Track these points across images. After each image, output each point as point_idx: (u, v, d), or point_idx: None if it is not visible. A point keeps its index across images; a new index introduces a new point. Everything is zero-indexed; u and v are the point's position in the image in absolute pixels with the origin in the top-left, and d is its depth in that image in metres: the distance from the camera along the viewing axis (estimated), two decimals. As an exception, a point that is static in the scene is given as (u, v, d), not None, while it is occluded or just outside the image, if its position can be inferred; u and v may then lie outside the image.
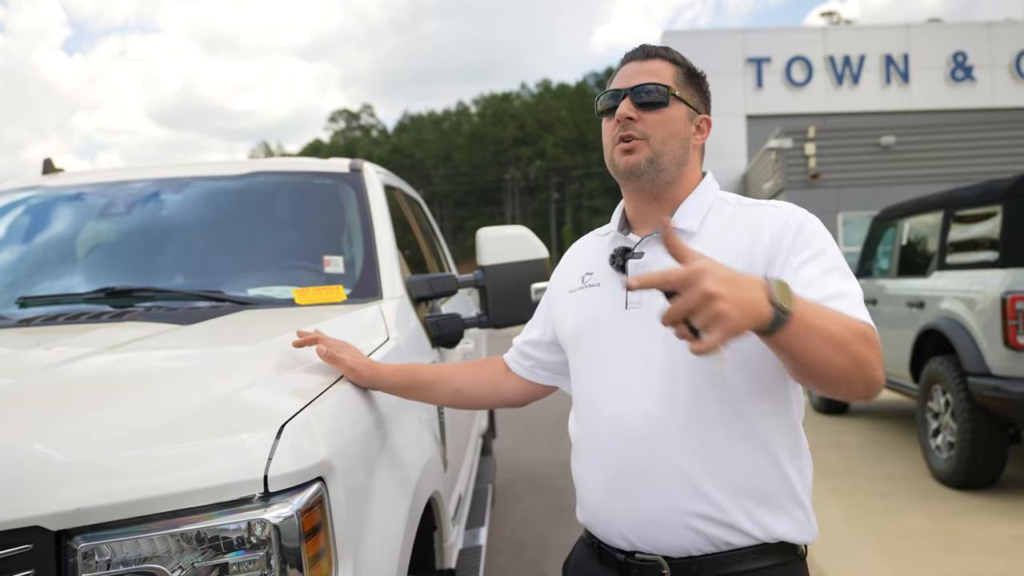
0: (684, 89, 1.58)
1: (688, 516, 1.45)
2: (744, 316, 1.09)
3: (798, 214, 1.49)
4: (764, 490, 1.47)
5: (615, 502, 1.52)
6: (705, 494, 1.45)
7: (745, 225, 1.51)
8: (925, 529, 4.49)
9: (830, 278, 1.40)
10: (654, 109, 1.53)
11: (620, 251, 1.58)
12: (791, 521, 1.49)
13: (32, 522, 1.15)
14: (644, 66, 1.57)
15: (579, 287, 1.66)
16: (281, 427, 1.33)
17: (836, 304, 1.33)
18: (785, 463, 1.49)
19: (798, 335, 1.18)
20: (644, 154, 1.52)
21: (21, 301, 2.39)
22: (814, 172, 16.53)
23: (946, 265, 5.71)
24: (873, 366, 1.29)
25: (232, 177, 2.94)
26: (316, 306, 2.33)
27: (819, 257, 1.42)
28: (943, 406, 5.33)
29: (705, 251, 1.45)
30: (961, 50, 22.76)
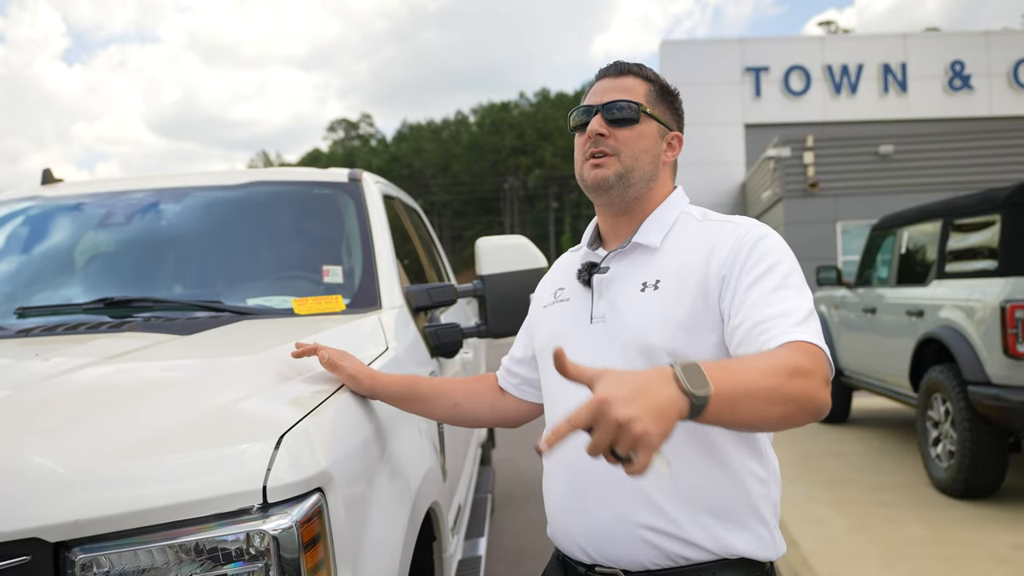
0: (656, 106, 1.60)
1: (642, 529, 1.45)
2: (662, 423, 1.05)
3: (757, 230, 1.50)
4: (722, 505, 1.46)
5: (573, 515, 1.54)
6: (659, 507, 1.45)
7: (704, 240, 1.52)
8: (926, 539, 4.47)
9: (777, 295, 1.39)
10: (625, 125, 1.56)
11: (587, 266, 1.61)
12: (752, 537, 1.48)
13: (30, 533, 1.15)
14: (616, 83, 1.59)
15: (551, 302, 1.69)
16: (280, 438, 1.32)
17: (775, 323, 1.33)
18: (746, 479, 1.48)
19: (724, 409, 1.14)
20: (613, 169, 1.55)
21: (20, 311, 2.39)
22: (813, 181, 16.56)
23: (945, 274, 5.71)
24: (812, 396, 1.25)
25: (231, 187, 2.94)
26: (315, 316, 2.33)
27: (769, 274, 1.42)
28: (943, 415, 5.32)
29: (665, 266, 1.51)
30: (959, 59, 22.85)
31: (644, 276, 1.53)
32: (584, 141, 1.58)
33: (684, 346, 1.45)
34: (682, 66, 22.88)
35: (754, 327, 1.36)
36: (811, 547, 4.37)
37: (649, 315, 1.48)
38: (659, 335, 1.46)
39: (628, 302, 1.52)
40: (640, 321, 1.48)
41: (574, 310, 1.61)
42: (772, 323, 1.34)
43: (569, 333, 1.59)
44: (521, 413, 1.85)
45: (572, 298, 1.63)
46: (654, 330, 1.46)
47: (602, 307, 1.56)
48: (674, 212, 1.60)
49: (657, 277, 1.51)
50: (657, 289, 1.50)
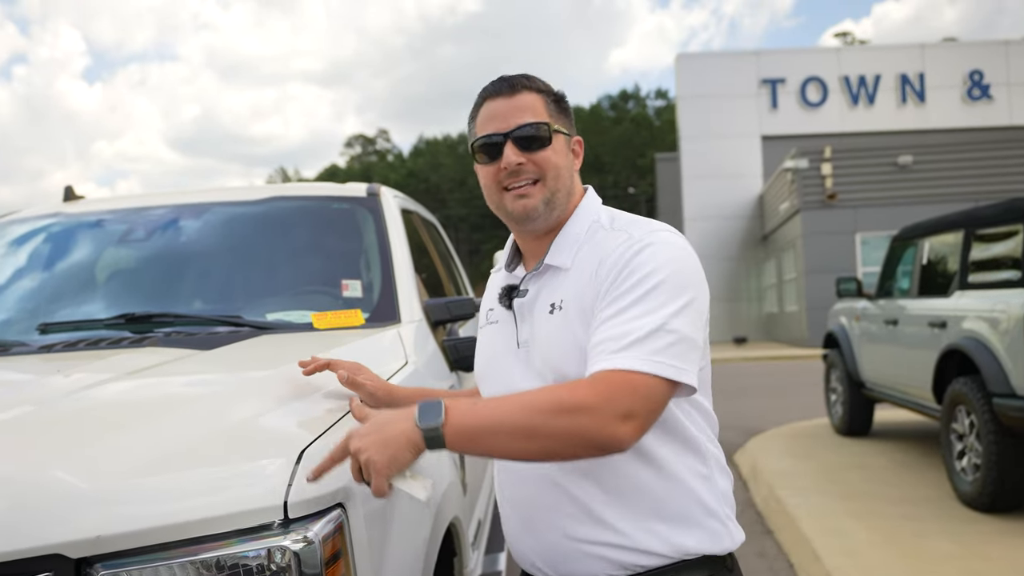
0: (558, 118, 1.54)
1: (591, 545, 1.44)
2: (387, 451, 1.24)
3: (642, 240, 1.42)
4: (668, 508, 1.45)
5: (523, 536, 1.54)
6: (603, 521, 1.44)
7: (597, 252, 1.47)
8: (953, 553, 4.41)
9: (624, 315, 1.34)
10: (539, 148, 1.50)
11: (507, 289, 1.59)
12: (705, 534, 1.46)
13: (53, 550, 1.15)
14: (514, 102, 1.51)
15: (485, 324, 1.68)
16: (300, 453, 1.32)
17: (601, 348, 1.32)
18: (687, 477, 1.46)
19: (465, 442, 1.27)
20: (539, 196, 1.50)
21: (42, 327, 2.40)
22: (831, 192, 16.49)
23: (968, 284, 5.65)
24: (584, 433, 1.24)
25: (250, 203, 2.96)
26: (335, 330, 2.33)
27: (631, 291, 1.37)
28: (967, 427, 5.25)
29: (569, 285, 1.47)
30: (978, 68, 22.74)
31: (553, 297, 1.49)
32: (496, 171, 1.51)
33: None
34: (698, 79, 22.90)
35: (591, 351, 1.35)
36: (835, 562, 4.31)
37: (556, 340, 1.45)
38: (569, 361, 1.43)
39: (541, 326, 1.49)
40: (551, 346, 1.46)
41: (502, 334, 1.59)
42: (600, 347, 1.33)
43: (501, 358, 1.58)
44: None
45: (500, 321, 1.61)
46: (563, 356, 1.44)
47: (526, 331, 1.53)
48: (584, 223, 1.54)
49: (562, 297, 1.47)
50: (562, 310, 1.46)
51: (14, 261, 2.87)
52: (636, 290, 1.36)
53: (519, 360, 1.53)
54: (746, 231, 24.11)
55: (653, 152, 48.21)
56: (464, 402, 1.28)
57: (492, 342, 1.62)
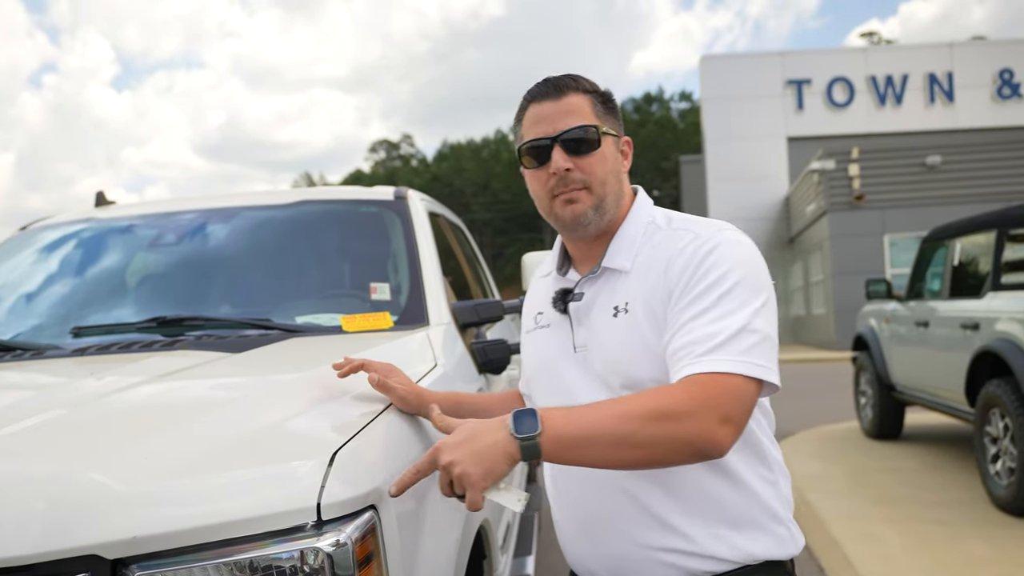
0: (606, 120, 1.52)
1: (659, 552, 1.43)
2: (483, 464, 1.22)
3: (712, 239, 1.41)
4: (735, 514, 1.44)
5: (585, 546, 1.52)
6: (672, 527, 1.42)
7: (663, 252, 1.45)
8: (989, 558, 4.34)
9: (706, 316, 1.33)
10: (588, 152, 1.47)
11: (560, 293, 1.56)
12: (771, 539, 1.46)
13: (89, 551, 1.15)
14: (561, 105, 1.49)
15: (533, 328, 1.65)
16: (333, 455, 1.32)
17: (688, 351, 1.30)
18: (754, 483, 1.45)
19: (563, 451, 1.24)
20: (588, 203, 1.48)
21: (75, 331, 2.43)
22: (858, 193, 16.34)
23: (1001, 285, 5.57)
24: (684, 439, 1.23)
25: (279, 207, 2.97)
26: (363, 333, 2.33)
27: (708, 291, 1.35)
28: (1002, 431, 5.17)
29: (633, 287, 1.45)
30: (1007, 67, 22.46)
31: (615, 299, 1.47)
32: (546, 177, 1.49)
33: (664, 373, 1.39)
34: (723, 80, 22.80)
35: (674, 354, 1.33)
36: (868, 567, 4.26)
37: (624, 343, 1.43)
38: (638, 365, 1.41)
39: (605, 329, 1.47)
40: (617, 350, 1.44)
41: (557, 338, 1.57)
42: (685, 351, 1.31)
43: (556, 363, 1.56)
44: None
45: (552, 325, 1.59)
46: (631, 360, 1.42)
47: (583, 335, 1.51)
48: (640, 224, 1.52)
49: (627, 299, 1.45)
50: (628, 312, 1.44)
51: (48, 266, 2.90)
52: (714, 290, 1.35)
53: (576, 364, 1.51)
54: (772, 233, 23.96)
55: (677, 155, 48.04)
56: (558, 411, 1.26)
57: (544, 347, 1.60)
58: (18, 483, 1.22)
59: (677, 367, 1.31)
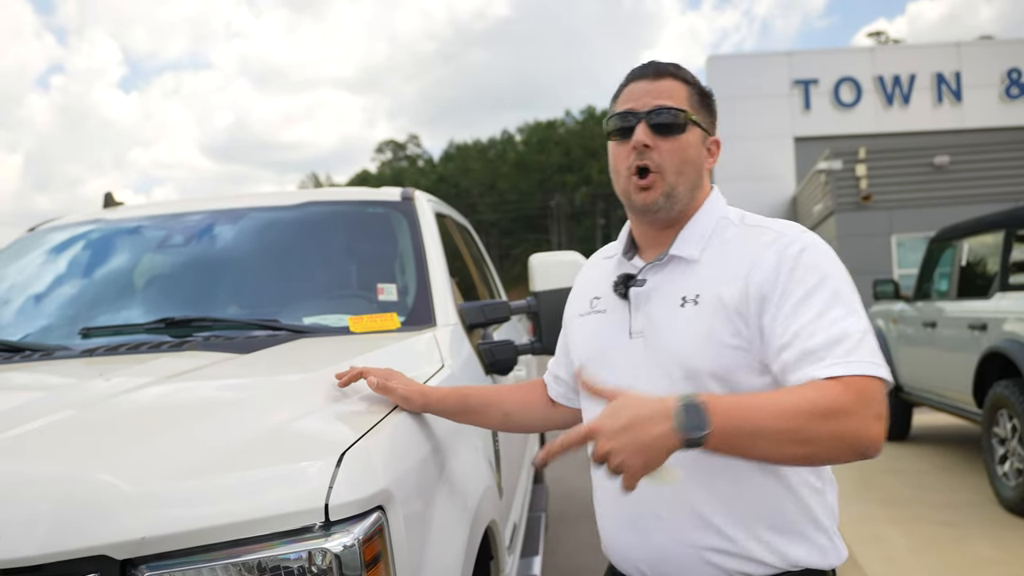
0: (698, 112, 1.52)
1: (702, 550, 1.43)
2: (644, 456, 1.17)
3: (799, 240, 1.42)
4: (780, 518, 1.44)
5: (629, 538, 1.51)
6: (716, 527, 1.43)
7: (743, 249, 1.45)
8: (996, 559, 4.33)
9: (826, 318, 1.33)
10: (671, 135, 1.48)
11: (623, 278, 1.55)
12: (812, 547, 1.45)
13: (98, 551, 1.16)
14: (656, 86, 1.50)
15: (587, 311, 1.64)
16: (341, 456, 1.32)
17: (827, 352, 1.29)
18: (802, 489, 1.45)
19: (727, 447, 1.21)
20: (660, 190, 1.48)
21: (84, 332, 2.44)
22: (865, 194, 16.28)
23: (1009, 286, 5.55)
24: (851, 436, 1.23)
25: (286, 207, 2.98)
26: (371, 334, 2.34)
27: (815, 292, 1.35)
28: (1010, 432, 5.16)
29: (704, 279, 1.45)
30: (1015, 67, 22.35)
31: (683, 290, 1.47)
32: (627, 152, 1.50)
33: (728, 367, 1.41)
34: (730, 80, 22.75)
35: (805, 355, 1.31)
36: (875, 569, 4.25)
37: (690, 333, 1.43)
38: (702, 356, 1.41)
39: (668, 318, 1.47)
40: (681, 340, 1.44)
41: (612, 323, 1.56)
42: (822, 352, 1.30)
43: (609, 347, 1.55)
44: (572, 418, 1.84)
45: (609, 310, 1.58)
46: (696, 350, 1.42)
47: (640, 321, 1.51)
48: (712, 218, 1.52)
49: (697, 291, 1.45)
50: (697, 304, 1.44)
51: (56, 267, 2.92)
52: (822, 290, 1.36)
53: (629, 351, 1.51)
54: (779, 233, 23.67)
55: (684, 155, 47.82)
56: (721, 403, 1.21)
57: (599, 331, 1.59)
58: (27, 483, 1.23)
59: (815, 367, 1.30)
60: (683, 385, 1.42)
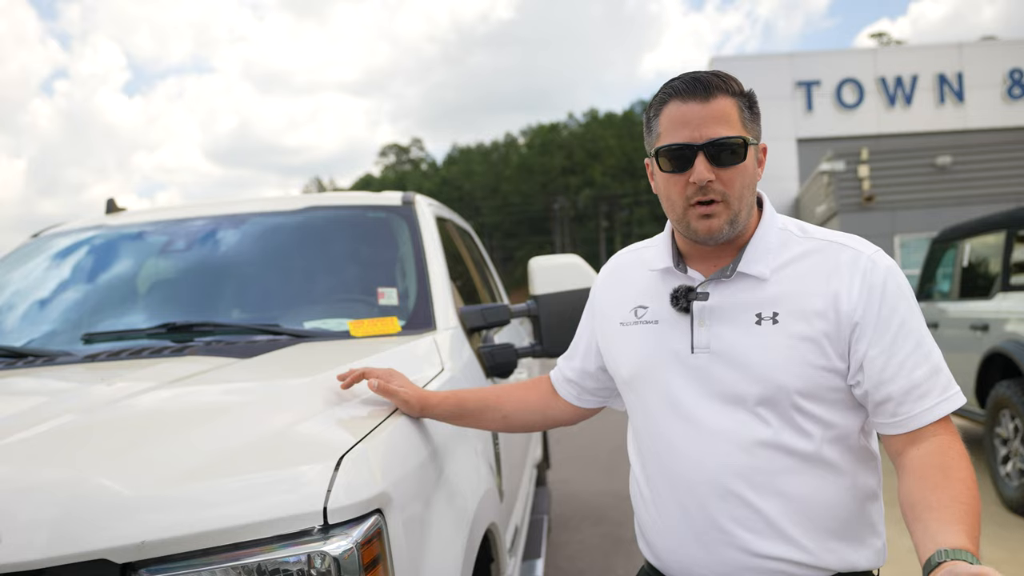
0: (751, 127, 1.44)
1: (774, 562, 1.43)
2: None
3: (880, 261, 1.42)
4: (847, 527, 1.45)
5: (695, 550, 1.48)
6: (792, 539, 1.42)
7: (819, 266, 1.43)
8: (999, 559, 4.32)
9: (921, 350, 1.40)
10: (732, 165, 1.40)
11: (683, 291, 1.48)
12: (871, 552, 1.48)
13: (99, 555, 1.17)
14: (709, 109, 1.39)
15: (632, 321, 1.58)
16: (339, 459, 1.33)
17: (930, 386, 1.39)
18: (864, 496, 1.47)
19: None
20: (724, 218, 1.41)
21: (86, 337, 2.45)
22: (868, 194, 16.26)
23: (1010, 286, 5.55)
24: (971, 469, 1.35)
25: (288, 212, 2.99)
26: (371, 338, 2.35)
27: (908, 323, 1.40)
28: (1012, 432, 5.15)
29: (779, 297, 1.42)
30: (1018, 67, 22.31)
31: (757, 307, 1.43)
32: (685, 184, 1.41)
33: (811, 385, 1.40)
34: (731, 82, 22.75)
35: (911, 390, 1.38)
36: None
37: (772, 351, 1.40)
38: (787, 374, 1.39)
39: (742, 335, 1.43)
40: (762, 357, 1.41)
41: (668, 336, 1.51)
42: (926, 387, 1.38)
43: (667, 361, 1.50)
44: (576, 415, 1.84)
45: (663, 321, 1.52)
46: (779, 369, 1.40)
47: (704, 336, 1.46)
48: (774, 231, 1.48)
49: (774, 309, 1.42)
50: (776, 323, 1.41)
51: (59, 273, 2.93)
52: (912, 319, 1.41)
53: (687, 366, 1.47)
54: (782, 235, 23.61)
55: (687, 157, 47.77)
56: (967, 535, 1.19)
57: (653, 344, 1.52)
58: (29, 488, 1.24)
59: (922, 404, 1.39)
60: (761, 403, 1.41)
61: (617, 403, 1.79)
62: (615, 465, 7.22)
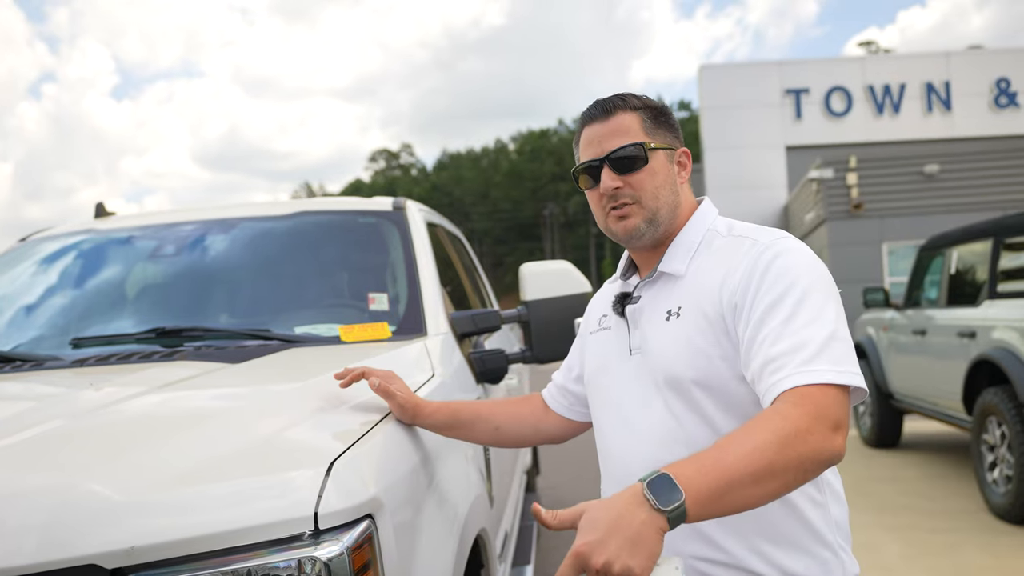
0: (656, 135, 1.54)
1: (695, 561, 1.44)
2: (641, 551, 1.08)
3: (774, 247, 1.41)
4: (777, 531, 1.44)
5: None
6: (709, 538, 1.43)
7: (722, 259, 1.47)
8: (987, 566, 4.34)
9: (790, 326, 1.31)
10: (636, 170, 1.51)
11: (619, 296, 1.61)
12: (813, 561, 1.45)
13: (88, 560, 1.16)
14: (608, 126, 1.53)
15: (596, 329, 1.70)
16: (330, 464, 1.33)
17: (785, 362, 1.28)
18: (800, 502, 1.45)
19: (710, 507, 1.14)
20: (640, 217, 1.52)
21: (74, 342, 2.44)
22: (856, 202, 16.34)
23: (997, 294, 5.59)
24: (815, 456, 1.19)
25: (278, 217, 2.99)
26: (361, 343, 2.34)
27: (783, 300, 1.34)
28: (999, 438, 5.18)
29: (686, 292, 1.48)
30: (1004, 76, 22.48)
31: (668, 304, 1.51)
32: (599, 196, 1.55)
33: (708, 376, 1.43)
34: (721, 90, 22.85)
35: (766, 365, 1.31)
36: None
37: (671, 344, 1.47)
38: (683, 365, 1.44)
39: (655, 332, 1.52)
40: (665, 351, 1.48)
41: (615, 340, 1.62)
42: (781, 360, 1.28)
43: (612, 363, 1.61)
44: (567, 431, 1.86)
45: (613, 327, 1.64)
46: (678, 360, 1.45)
47: (638, 338, 1.55)
48: (699, 232, 1.55)
49: (679, 304, 1.49)
50: (679, 317, 1.48)
51: (47, 277, 2.92)
52: (789, 297, 1.34)
53: (631, 366, 1.55)
54: (771, 242, 23.66)
55: (676, 164, 47.91)
56: (688, 465, 1.15)
57: (603, 348, 1.65)
58: (18, 493, 1.23)
59: (774, 378, 1.28)
60: (669, 395, 1.46)
61: None
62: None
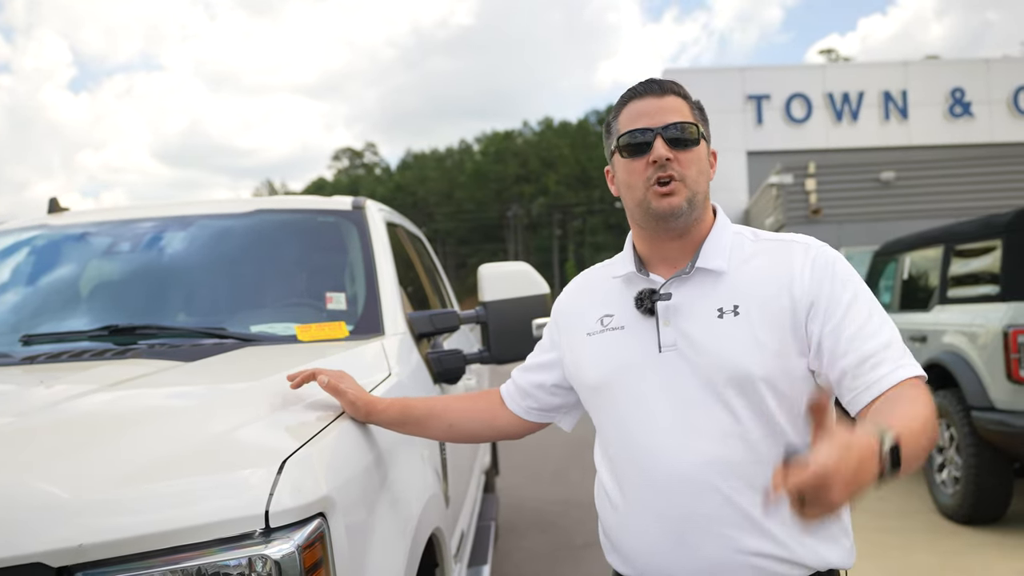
0: (702, 125, 1.57)
1: (754, 557, 1.45)
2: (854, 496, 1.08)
3: (825, 251, 1.52)
4: (820, 524, 1.45)
5: (673, 552, 1.49)
6: (769, 532, 1.45)
7: (772, 260, 1.52)
8: (934, 565, 4.44)
9: (872, 324, 1.43)
10: (687, 148, 1.51)
11: (647, 293, 1.54)
12: (842, 550, 1.51)
13: (34, 559, 1.16)
14: (664, 103, 1.53)
15: (599, 330, 1.61)
16: (282, 463, 1.33)
17: (885, 356, 1.39)
18: None
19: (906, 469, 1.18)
20: (683, 196, 1.49)
21: (25, 339, 2.40)
22: (815, 207, 16.59)
23: (947, 299, 5.72)
24: (937, 430, 1.33)
25: (236, 215, 2.97)
26: (318, 343, 2.34)
27: (857, 300, 1.46)
28: (947, 441, 5.30)
29: (739, 291, 1.49)
30: (959, 86, 22.95)
31: (718, 302, 1.49)
32: (644, 166, 1.51)
33: (776, 373, 1.45)
34: (684, 94, 23.04)
35: (865, 359, 1.39)
36: None
37: (736, 342, 1.46)
38: (752, 363, 1.44)
39: (706, 329, 1.48)
40: (727, 349, 1.46)
41: (635, 339, 1.55)
42: (881, 355, 1.39)
43: (636, 362, 1.54)
44: (523, 428, 1.84)
45: (628, 326, 1.57)
46: (746, 358, 1.45)
47: (671, 335, 1.51)
48: (728, 232, 1.57)
49: (734, 302, 1.48)
50: (738, 315, 1.47)
51: (-2, 273, 2.87)
52: (860, 298, 1.46)
53: (664, 363, 1.51)
54: (731, 246, 23.88)
55: (639, 167, 48.17)
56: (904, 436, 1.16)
57: (619, 349, 1.57)
58: (-37, 491, 1.22)
59: (882, 369, 1.39)
60: (729, 394, 1.46)
61: (564, 421, 1.81)
62: (563, 473, 7.26)
